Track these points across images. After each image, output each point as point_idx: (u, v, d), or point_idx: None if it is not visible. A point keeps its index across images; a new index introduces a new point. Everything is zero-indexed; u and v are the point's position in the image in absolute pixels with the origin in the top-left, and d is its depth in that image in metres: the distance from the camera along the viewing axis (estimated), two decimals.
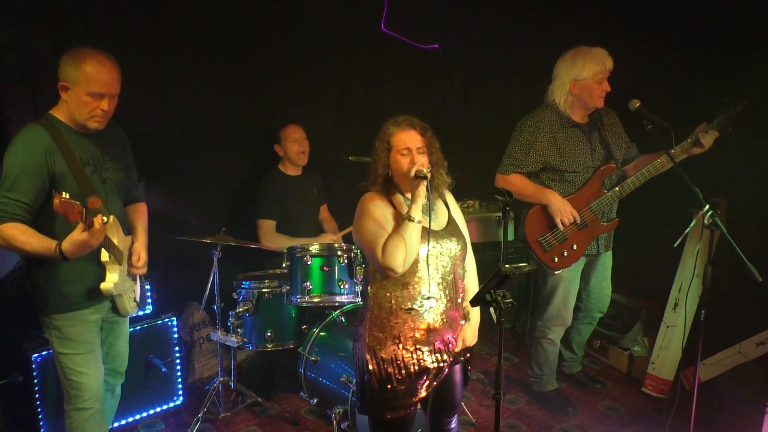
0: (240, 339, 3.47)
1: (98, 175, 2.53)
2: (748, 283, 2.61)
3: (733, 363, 3.45)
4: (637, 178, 3.25)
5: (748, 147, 3.40)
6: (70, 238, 2.25)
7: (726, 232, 2.68)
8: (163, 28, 3.60)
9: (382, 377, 2.31)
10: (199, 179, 3.94)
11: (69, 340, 2.52)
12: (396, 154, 2.33)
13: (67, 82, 2.37)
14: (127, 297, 2.66)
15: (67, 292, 2.48)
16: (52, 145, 2.37)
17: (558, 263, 3.36)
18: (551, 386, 3.69)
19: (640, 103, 3.07)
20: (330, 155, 4.38)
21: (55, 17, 3.20)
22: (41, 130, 2.38)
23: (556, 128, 3.29)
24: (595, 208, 3.32)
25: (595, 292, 3.67)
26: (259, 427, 3.51)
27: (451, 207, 2.51)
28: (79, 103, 2.38)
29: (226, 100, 3.96)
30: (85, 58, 2.35)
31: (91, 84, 2.35)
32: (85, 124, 2.43)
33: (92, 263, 2.50)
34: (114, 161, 2.61)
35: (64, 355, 2.52)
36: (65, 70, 2.36)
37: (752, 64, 3.47)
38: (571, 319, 3.62)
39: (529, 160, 3.31)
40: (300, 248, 3.43)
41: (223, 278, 3.48)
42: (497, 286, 2.05)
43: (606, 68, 3.19)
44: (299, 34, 4.12)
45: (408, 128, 2.35)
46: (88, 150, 2.50)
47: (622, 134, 3.45)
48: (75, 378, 2.53)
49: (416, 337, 2.32)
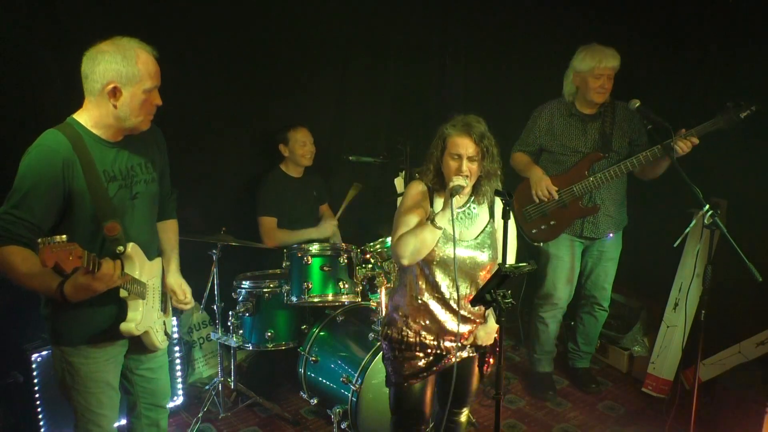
0: (240, 339, 3.47)
1: (128, 190, 2.19)
2: (748, 283, 2.61)
3: (733, 363, 3.45)
4: (615, 170, 3.39)
5: (748, 147, 3.40)
6: (72, 281, 1.93)
7: (726, 232, 2.68)
8: (163, 28, 3.59)
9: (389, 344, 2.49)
10: (199, 179, 3.94)
11: (82, 378, 2.20)
12: (448, 156, 2.34)
13: (119, 82, 2.02)
14: (154, 332, 2.31)
15: (82, 324, 2.16)
16: (72, 156, 2.02)
17: (536, 235, 3.65)
18: (542, 368, 3.88)
19: (640, 103, 3.13)
20: (330, 155, 4.38)
21: (55, 17, 3.19)
22: (62, 138, 2.03)
23: (556, 115, 3.56)
24: (576, 190, 3.48)
25: (592, 278, 3.75)
26: (259, 427, 3.51)
27: (495, 215, 2.48)
28: (137, 104, 2.07)
29: (226, 100, 3.95)
30: (136, 51, 2.04)
31: (147, 79, 2.07)
32: (139, 126, 2.14)
33: (110, 297, 2.14)
34: (148, 171, 2.28)
35: (75, 390, 2.21)
36: (113, 67, 2.01)
37: (752, 64, 3.48)
38: (562, 304, 3.75)
39: (528, 140, 3.66)
40: (300, 248, 3.44)
41: (223, 278, 3.48)
42: (497, 285, 2.05)
43: (601, 65, 3.33)
44: (299, 33, 4.12)
45: (464, 134, 2.32)
46: (115, 162, 2.15)
47: (635, 132, 3.49)
48: (87, 416, 2.24)
49: (425, 325, 2.44)
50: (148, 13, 3.52)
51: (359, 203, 4.08)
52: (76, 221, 2.08)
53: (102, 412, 2.25)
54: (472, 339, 2.52)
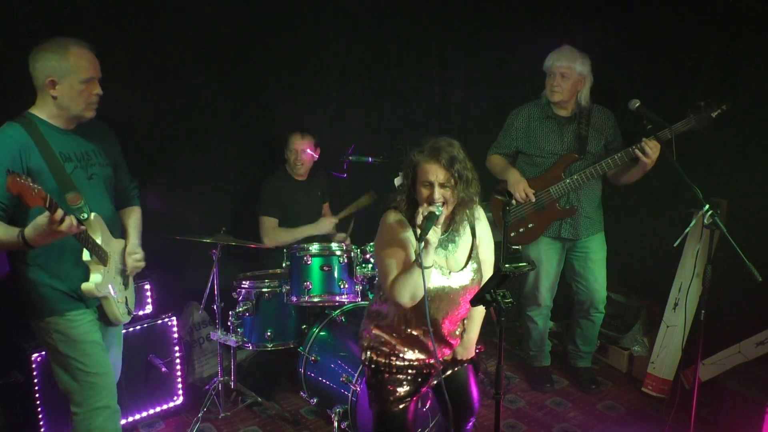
0: (240, 339, 3.47)
1: (84, 171, 2.46)
2: (748, 283, 2.60)
3: (733, 363, 3.45)
4: (592, 171, 3.41)
5: (748, 147, 3.40)
6: (33, 224, 2.16)
7: (726, 232, 2.68)
8: (163, 28, 3.60)
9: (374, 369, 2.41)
10: (199, 179, 3.94)
11: (75, 342, 2.43)
12: (419, 184, 2.22)
13: (55, 76, 2.31)
14: (115, 302, 2.54)
15: (56, 292, 2.41)
16: (28, 142, 2.30)
17: (515, 238, 3.69)
18: (538, 363, 3.99)
19: (639, 103, 3.12)
20: (330, 155, 4.38)
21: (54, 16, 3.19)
22: (17, 127, 2.32)
23: (533, 117, 3.62)
24: (553, 192, 3.52)
25: (582, 282, 3.75)
26: (259, 427, 3.51)
27: (478, 236, 2.39)
28: (74, 94, 2.34)
29: (227, 100, 3.96)
30: (68, 47, 2.31)
31: (83, 70, 2.32)
32: (83, 114, 2.39)
33: (78, 264, 2.42)
34: (101, 156, 2.55)
35: (72, 357, 2.42)
36: (49, 64, 2.30)
37: (752, 64, 3.47)
38: (546, 303, 3.82)
39: (505, 142, 3.71)
40: (300, 248, 3.44)
41: (223, 278, 3.48)
42: (497, 285, 2.05)
43: (553, 64, 3.44)
44: (300, 33, 4.12)
45: (432, 160, 2.17)
46: (70, 145, 2.43)
47: (609, 134, 3.54)
48: (89, 379, 2.44)
49: (414, 351, 2.38)
50: (152, 16, 3.53)
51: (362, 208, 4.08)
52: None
53: (98, 370, 2.46)
54: (451, 356, 2.51)
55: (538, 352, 3.97)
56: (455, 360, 2.53)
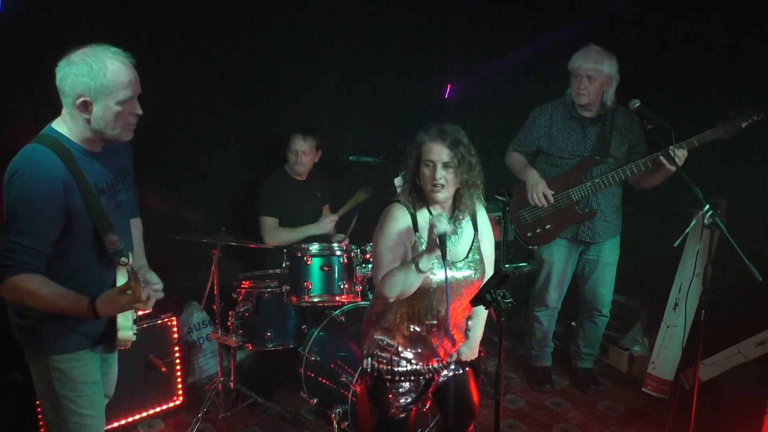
0: (240, 339, 3.47)
1: (113, 200, 2.14)
2: (748, 283, 2.60)
3: (733, 363, 3.45)
4: (614, 176, 3.36)
5: (747, 147, 3.40)
6: (107, 298, 1.93)
7: (726, 232, 2.68)
8: (163, 29, 3.60)
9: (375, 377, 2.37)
10: (199, 179, 3.94)
11: (73, 382, 2.16)
12: (422, 165, 2.23)
13: (89, 96, 1.94)
14: (133, 331, 2.28)
15: (73, 331, 2.11)
16: (67, 177, 1.95)
17: (531, 239, 3.61)
18: (539, 363, 3.96)
19: (640, 103, 3.10)
20: (330, 155, 4.38)
21: (55, 16, 3.19)
22: (54, 158, 1.94)
23: (556, 117, 3.53)
24: (573, 195, 3.45)
25: (590, 284, 3.73)
26: (259, 427, 3.51)
27: (479, 226, 2.39)
28: (111, 116, 1.98)
29: (227, 100, 3.96)
30: (104, 62, 1.94)
31: (121, 89, 1.97)
32: (118, 137, 2.05)
33: None
34: (125, 178, 2.23)
35: (66, 398, 2.16)
36: (81, 81, 1.92)
37: (752, 64, 3.47)
38: (554, 304, 3.79)
39: (527, 140, 3.62)
40: (300, 248, 3.43)
41: (223, 278, 3.47)
42: (497, 285, 2.05)
43: (580, 66, 3.35)
44: (300, 34, 4.12)
45: (437, 140, 2.20)
46: (100, 173, 2.09)
47: (634, 138, 3.47)
48: (79, 420, 2.19)
49: (418, 352, 2.36)
50: (152, 16, 3.53)
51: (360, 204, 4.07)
52: (75, 237, 2.04)
53: (94, 413, 2.23)
54: (456, 357, 2.48)
55: (539, 353, 3.95)
56: (458, 361, 2.51)
